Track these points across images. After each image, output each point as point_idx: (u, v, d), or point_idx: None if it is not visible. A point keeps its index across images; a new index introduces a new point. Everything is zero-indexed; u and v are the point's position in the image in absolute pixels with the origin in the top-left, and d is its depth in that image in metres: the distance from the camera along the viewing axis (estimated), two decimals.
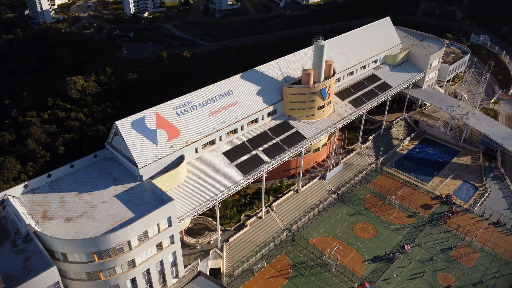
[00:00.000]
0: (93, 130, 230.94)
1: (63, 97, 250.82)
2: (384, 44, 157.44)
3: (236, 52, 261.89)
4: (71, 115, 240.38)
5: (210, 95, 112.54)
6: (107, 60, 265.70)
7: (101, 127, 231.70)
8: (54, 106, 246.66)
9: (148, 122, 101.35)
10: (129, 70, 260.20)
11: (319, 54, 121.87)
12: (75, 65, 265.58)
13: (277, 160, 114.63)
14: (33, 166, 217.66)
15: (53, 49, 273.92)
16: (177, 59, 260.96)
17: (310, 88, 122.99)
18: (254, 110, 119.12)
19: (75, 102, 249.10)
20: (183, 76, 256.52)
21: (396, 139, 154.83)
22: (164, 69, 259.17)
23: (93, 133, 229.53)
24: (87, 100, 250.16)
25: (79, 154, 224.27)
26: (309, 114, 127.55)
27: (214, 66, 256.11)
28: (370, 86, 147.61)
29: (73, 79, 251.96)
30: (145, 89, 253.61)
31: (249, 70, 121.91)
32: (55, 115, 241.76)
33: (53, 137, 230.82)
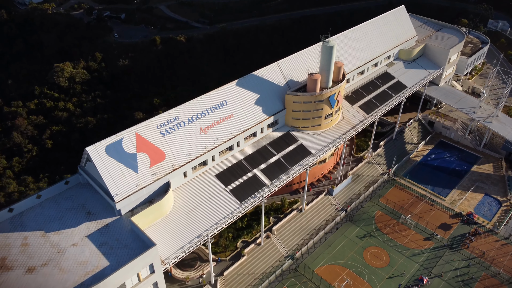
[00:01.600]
0: (82, 122, 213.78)
1: (51, 85, 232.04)
2: (399, 37, 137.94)
3: (234, 36, 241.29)
4: (59, 105, 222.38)
5: (201, 108, 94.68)
6: (97, 44, 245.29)
7: (90, 118, 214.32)
8: (41, 95, 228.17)
9: (126, 146, 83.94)
10: (120, 55, 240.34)
11: (328, 56, 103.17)
12: (63, 50, 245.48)
13: (279, 182, 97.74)
14: (19, 162, 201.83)
15: (39, 32, 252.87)
16: (171, 43, 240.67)
17: (317, 95, 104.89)
18: (252, 123, 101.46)
19: (63, 91, 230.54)
20: (177, 63, 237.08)
21: (409, 144, 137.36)
22: (158, 54, 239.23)
23: (82, 126, 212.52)
24: (76, 88, 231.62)
25: (68, 148, 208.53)
26: (315, 124, 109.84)
27: (211, 52, 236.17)
28: (383, 87, 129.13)
29: (61, 65, 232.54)
30: (137, 76, 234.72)
31: (246, 76, 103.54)
32: (42, 105, 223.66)
33: (40, 129, 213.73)
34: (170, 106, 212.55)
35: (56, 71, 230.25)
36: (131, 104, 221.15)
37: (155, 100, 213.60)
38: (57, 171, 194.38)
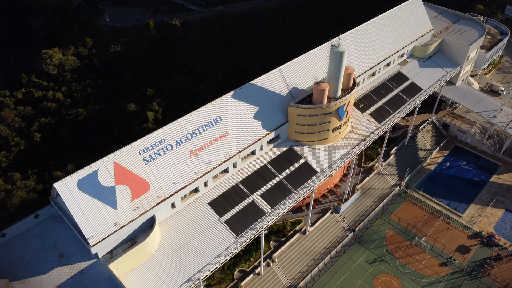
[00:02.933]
0: (72, 113, 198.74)
1: (39, 73, 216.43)
2: (413, 33, 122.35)
3: (232, 21, 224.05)
4: (48, 95, 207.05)
5: (191, 128, 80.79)
6: (87, 29, 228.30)
7: (81, 110, 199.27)
8: (29, 83, 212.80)
9: (102, 178, 70.46)
10: (112, 41, 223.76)
11: (337, 63, 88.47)
12: (51, 36, 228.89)
13: (281, 209, 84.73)
14: (6, 156, 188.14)
15: (27, 16, 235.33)
16: (166, 28, 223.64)
17: (324, 108, 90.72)
18: (251, 140, 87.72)
19: (52, 79, 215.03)
20: (172, 49, 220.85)
21: (422, 150, 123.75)
22: (151, 40, 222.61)
23: (72, 118, 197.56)
24: (66, 76, 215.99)
25: (57, 142, 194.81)
26: (322, 138, 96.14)
27: (207, 37, 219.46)
28: (396, 90, 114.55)
29: (49, 52, 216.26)
30: (130, 64, 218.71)
31: (243, 86, 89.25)
32: (30, 94, 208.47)
33: (28, 120, 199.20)
34: (164, 97, 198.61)
35: (44, 58, 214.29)
36: (124, 95, 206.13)
37: (148, 91, 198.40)
38: (46, 167, 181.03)
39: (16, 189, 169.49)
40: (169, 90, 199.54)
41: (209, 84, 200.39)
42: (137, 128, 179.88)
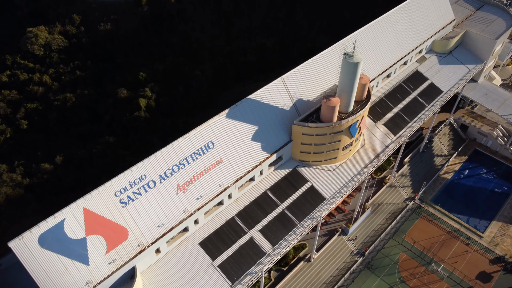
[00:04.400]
0: (60, 99, 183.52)
1: (24, 53, 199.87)
2: (434, 24, 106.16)
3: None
4: (34, 78, 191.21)
5: (177, 158, 66.97)
6: (74, 4, 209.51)
7: (69, 95, 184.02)
8: (14, 65, 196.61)
9: (70, 229, 57.54)
10: (102, 18, 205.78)
11: (351, 75, 73.69)
12: (36, 12, 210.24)
13: (283, 246, 72.29)
14: None
15: None
16: (159, 4, 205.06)
17: (334, 126, 76.47)
18: (249, 166, 74.19)
19: (38, 60, 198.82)
20: (166, 28, 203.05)
21: (438, 157, 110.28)
22: (144, 17, 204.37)
23: (61, 103, 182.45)
24: (53, 57, 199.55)
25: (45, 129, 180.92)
26: (330, 158, 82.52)
27: (204, 15, 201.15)
28: (413, 93, 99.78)
29: (34, 30, 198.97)
30: (121, 44, 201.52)
31: (240, 102, 74.85)
32: (16, 77, 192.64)
33: (14, 106, 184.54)
34: (158, 81, 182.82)
35: (29, 37, 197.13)
36: (115, 78, 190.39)
37: (140, 75, 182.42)
38: (34, 158, 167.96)
39: (1, 183, 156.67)
40: (163, 73, 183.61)
41: (205, 68, 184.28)
42: (129, 117, 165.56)
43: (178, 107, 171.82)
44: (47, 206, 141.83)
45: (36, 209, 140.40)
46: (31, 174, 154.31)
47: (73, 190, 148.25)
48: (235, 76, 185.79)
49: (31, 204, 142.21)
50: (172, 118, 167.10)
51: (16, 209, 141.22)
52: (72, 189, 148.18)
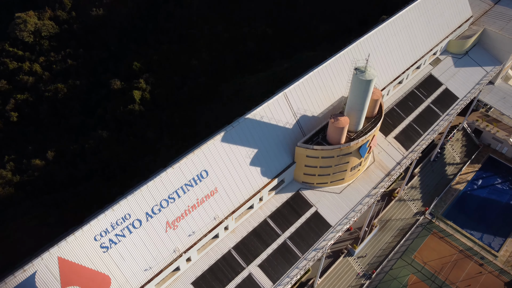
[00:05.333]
0: (51, 89, 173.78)
1: (13, 40, 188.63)
2: (450, 23, 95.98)
3: None
4: (24, 67, 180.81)
5: (166, 192, 58.60)
6: None
7: (60, 85, 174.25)
8: (3, 53, 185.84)
9: (43, 283, 49.79)
10: (94, 2, 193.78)
11: (362, 93, 64.60)
12: None
13: (285, 283, 64.68)
14: None
15: None
16: None
17: (342, 149, 67.76)
18: (247, 195, 65.91)
19: (28, 48, 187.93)
20: (162, 13, 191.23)
21: (450, 165, 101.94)
22: (138, 2, 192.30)
23: (52, 95, 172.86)
24: (43, 44, 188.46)
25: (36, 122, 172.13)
26: (337, 179, 74.10)
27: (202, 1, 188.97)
28: (426, 101, 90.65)
29: (23, 16, 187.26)
30: (114, 30, 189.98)
31: (237, 123, 65.93)
32: (4, 66, 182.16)
33: (3, 97, 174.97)
34: (152, 71, 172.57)
35: (18, 23, 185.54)
36: (108, 67, 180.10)
37: (134, 65, 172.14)
38: (25, 153, 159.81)
39: None
40: (158, 63, 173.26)
41: (202, 57, 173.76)
42: (123, 110, 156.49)
43: (174, 99, 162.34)
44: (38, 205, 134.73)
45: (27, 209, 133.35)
46: (21, 170, 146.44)
47: (65, 188, 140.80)
48: (234, 66, 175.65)
49: (22, 203, 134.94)
50: (168, 111, 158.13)
51: (6, 209, 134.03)
52: (64, 187, 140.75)
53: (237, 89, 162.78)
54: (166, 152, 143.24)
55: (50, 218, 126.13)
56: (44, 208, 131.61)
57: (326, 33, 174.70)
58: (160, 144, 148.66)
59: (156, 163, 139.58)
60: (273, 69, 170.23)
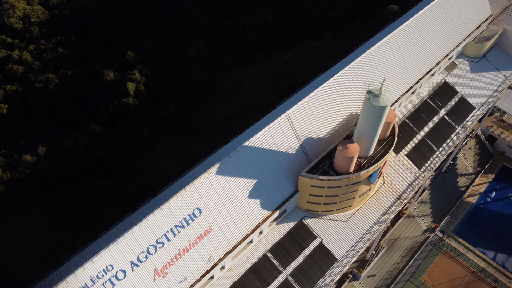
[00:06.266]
0: (42, 80, 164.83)
1: (1, 27, 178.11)
2: (467, 24, 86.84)
3: None
4: (13, 56, 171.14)
5: (154, 236, 51.45)
6: None
7: (51, 75, 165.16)
8: None
9: None
10: None
11: (375, 119, 56.71)
12: None
13: None
14: None
15: None
16: None
17: (351, 179, 60.17)
18: (245, 231, 58.84)
19: (17, 35, 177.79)
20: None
21: (462, 176, 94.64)
22: None
23: (43, 85, 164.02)
24: (33, 31, 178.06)
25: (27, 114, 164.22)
26: (344, 207, 66.76)
27: None
28: (441, 112, 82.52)
29: (10, 0, 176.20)
30: (108, 16, 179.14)
31: (234, 153, 58.06)
32: None
33: None
34: (147, 62, 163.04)
35: (6, 9, 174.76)
36: (102, 56, 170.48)
37: (129, 55, 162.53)
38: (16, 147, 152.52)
39: None
40: (153, 52, 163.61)
41: (199, 46, 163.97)
42: (116, 103, 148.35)
43: (170, 92, 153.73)
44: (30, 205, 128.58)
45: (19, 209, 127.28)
46: (12, 166, 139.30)
47: (58, 186, 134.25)
48: (232, 56, 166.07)
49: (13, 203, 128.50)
50: (164, 105, 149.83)
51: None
52: (56, 186, 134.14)
53: (236, 81, 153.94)
54: (162, 150, 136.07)
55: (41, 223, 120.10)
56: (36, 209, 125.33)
57: (330, 21, 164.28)
58: (156, 140, 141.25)
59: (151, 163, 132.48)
60: (274, 59, 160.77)
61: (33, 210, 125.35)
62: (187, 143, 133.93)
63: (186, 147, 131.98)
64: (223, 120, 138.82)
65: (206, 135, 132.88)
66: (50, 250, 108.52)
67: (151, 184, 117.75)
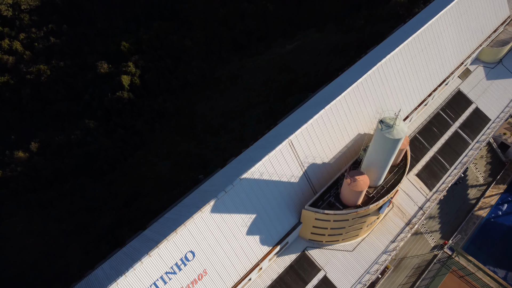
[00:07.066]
0: (34, 71, 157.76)
1: None
2: (485, 28, 79.47)
3: None
4: (3, 45, 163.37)
5: (143, 286, 45.67)
6: None
7: (43, 66, 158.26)
8: None
9: None
10: None
11: (388, 151, 50.62)
12: None
13: None
14: None
15: None
16: None
17: (359, 213, 54.37)
18: (243, 270, 53.52)
19: (7, 23, 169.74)
20: None
21: (473, 188, 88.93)
22: None
23: (34, 77, 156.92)
24: (23, 19, 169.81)
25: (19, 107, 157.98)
26: (350, 236, 61.20)
27: None
28: (454, 125, 76.06)
29: None
30: (101, 4, 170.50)
31: (232, 187, 51.90)
32: None
33: None
34: (142, 52, 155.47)
35: None
36: (95, 46, 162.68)
37: (123, 45, 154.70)
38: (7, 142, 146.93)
39: None
40: (148, 42, 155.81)
41: (197, 36, 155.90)
42: (111, 97, 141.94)
43: (166, 85, 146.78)
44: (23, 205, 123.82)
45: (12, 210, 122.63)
46: (4, 163, 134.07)
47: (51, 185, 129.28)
48: (231, 47, 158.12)
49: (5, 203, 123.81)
50: (159, 99, 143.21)
51: None
52: (50, 184, 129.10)
53: (234, 74, 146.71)
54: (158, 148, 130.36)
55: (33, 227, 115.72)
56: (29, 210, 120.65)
57: (333, 10, 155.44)
58: (151, 138, 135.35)
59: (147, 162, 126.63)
60: (274, 50, 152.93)
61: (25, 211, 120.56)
62: (183, 141, 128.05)
63: (183, 146, 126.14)
64: (221, 116, 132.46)
65: (204, 133, 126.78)
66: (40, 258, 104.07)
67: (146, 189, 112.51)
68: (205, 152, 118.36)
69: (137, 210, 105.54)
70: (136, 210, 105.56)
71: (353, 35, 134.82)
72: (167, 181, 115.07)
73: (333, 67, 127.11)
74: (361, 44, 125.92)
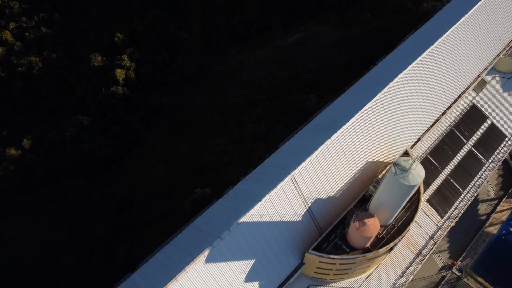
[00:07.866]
0: (25, 63, 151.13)
1: None
2: (503, 36, 72.69)
3: None
4: None
5: None
6: None
7: (35, 59, 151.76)
8: None
9: None
10: None
11: (401, 196, 45.22)
12: None
13: None
14: None
15: None
16: None
17: (368, 256, 49.36)
18: None
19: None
20: None
21: (484, 202, 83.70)
22: None
23: (26, 70, 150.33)
24: (13, 7, 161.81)
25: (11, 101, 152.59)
26: (357, 274, 56.38)
27: None
28: (468, 143, 70.24)
29: None
30: None
31: (227, 233, 47.06)
32: None
33: None
34: (138, 44, 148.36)
35: None
36: (88, 37, 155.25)
37: (117, 36, 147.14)
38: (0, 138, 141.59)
39: None
40: (144, 33, 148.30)
41: (194, 27, 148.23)
42: (105, 92, 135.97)
43: (162, 79, 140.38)
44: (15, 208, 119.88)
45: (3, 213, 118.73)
46: None
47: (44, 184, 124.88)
48: (229, 39, 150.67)
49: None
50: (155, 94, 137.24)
51: None
52: (44, 183, 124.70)
53: (234, 69, 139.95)
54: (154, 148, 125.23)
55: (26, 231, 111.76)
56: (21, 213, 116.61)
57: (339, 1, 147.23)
58: (148, 135, 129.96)
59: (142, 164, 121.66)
60: (275, 42, 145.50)
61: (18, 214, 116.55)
62: (180, 140, 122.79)
63: (180, 146, 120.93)
64: (219, 113, 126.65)
65: (202, 133, 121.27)
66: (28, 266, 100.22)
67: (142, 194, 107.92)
68: (202, 155, 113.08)
69: (132, 218, 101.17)
70: (131, 218, 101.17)
71: (357, 29, 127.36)
72: (163, 185, 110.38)
73: (336, 64, 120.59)
74: (366, 39, 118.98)
